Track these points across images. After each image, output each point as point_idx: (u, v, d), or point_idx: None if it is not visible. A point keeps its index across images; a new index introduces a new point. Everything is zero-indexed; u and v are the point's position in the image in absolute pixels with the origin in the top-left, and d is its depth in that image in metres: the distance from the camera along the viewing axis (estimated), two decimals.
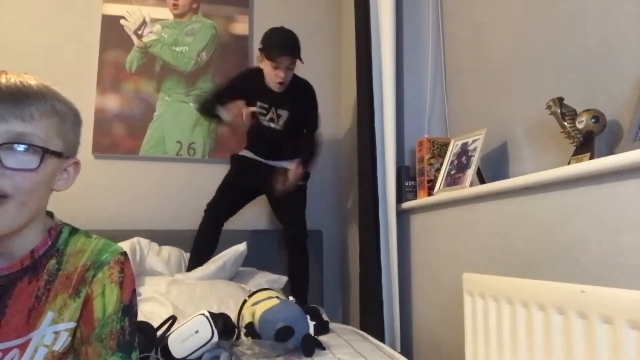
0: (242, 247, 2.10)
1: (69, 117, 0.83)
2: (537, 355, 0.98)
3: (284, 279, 2.17)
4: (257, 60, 2.14)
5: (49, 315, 0.77)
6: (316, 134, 2.23)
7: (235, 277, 2.16)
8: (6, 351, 0.75)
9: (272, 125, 2.16)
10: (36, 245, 0.79)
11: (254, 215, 2.56)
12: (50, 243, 0.81)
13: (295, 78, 2.16)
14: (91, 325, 0.78)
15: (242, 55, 2.63)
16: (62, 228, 0.84)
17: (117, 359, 0.79)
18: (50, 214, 0.85)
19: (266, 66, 2.07)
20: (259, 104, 2.13)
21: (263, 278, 2.15)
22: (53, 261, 0.80)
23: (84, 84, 2.49)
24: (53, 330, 0.77)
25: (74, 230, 0.85)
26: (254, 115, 2.03)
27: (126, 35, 2.56)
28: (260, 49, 2.08)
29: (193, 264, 2.11)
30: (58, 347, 0.77)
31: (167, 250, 2.23)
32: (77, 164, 0.84)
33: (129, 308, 0.82)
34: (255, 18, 2.71)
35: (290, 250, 2.18)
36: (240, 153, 2.29)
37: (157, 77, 2.57)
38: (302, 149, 2.18)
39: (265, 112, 2.14)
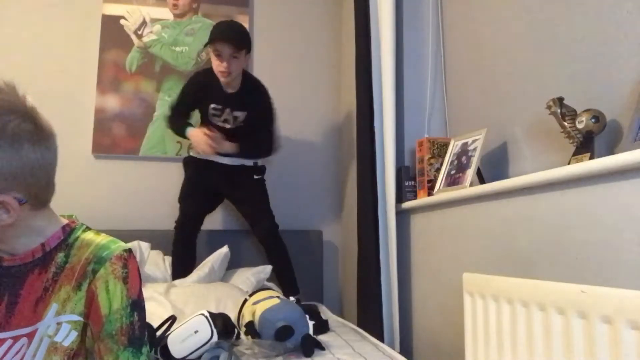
0: (224, 249, 2.19)
1: None
2: (537, 355, 0.97)
3: (268, 268, 2.20)
4: (209, 56, 2.08)
5: (54, 307, 0.80)
6: (269, 130, 2.17)
7: (222, 278, 2.19)
8: (16, 339, 0.78)
9: (227, 125, 2.13)
10: (47, 239, 0.83)
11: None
12: (62, 238, 0.85)
13: (250, 78, 2.14)
14: (99, 321, 0.80)
15: None
16: (77, 226, 0.88)
17: (128, 354, 0.80)
18: (70, 216, 0.90)
19: (213, 59, 2.02)
20: (211, 105, 2.09)
21: (248, 272, 2.19)
22: (61, 254, 0.83)
23: (84, 84, 2.49)
24: (56, 321, 0.79)
25: (87, 229, 0.89)
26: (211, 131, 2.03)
27: (126, 35, 2.56)
28: (206, 44, 2.04)
29: (176, 277, 2.11)
30: (60, 338, 0.78)
31: (167, 258, 2.25)
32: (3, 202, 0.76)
33: (137, 303, 0.83)
34: (255, 18, 2.71)
35: (266, 244, 2.16)
36: (192, 154, 2.24)
37: (157, 77, 2.57)
38: (249, 139, 2.15)
39: (219, 113, 2.11)
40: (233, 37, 1.96)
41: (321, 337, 1.58)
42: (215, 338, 1.31)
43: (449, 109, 1.81)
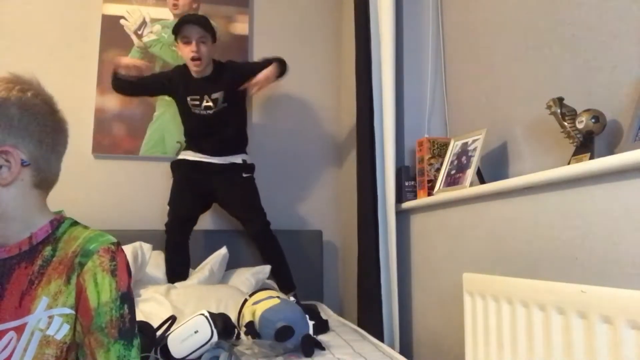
0: (223, 250, 2.18)
1: None
2: (537, 355, 0.97)
3: (267, 268, 2.19)
4: (178, 50, 2.15)
5: (44, 301, 0.79)
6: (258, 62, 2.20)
7: (222, 279, 2.18)
8: (2, 333, 0.77)
9: (210, 112, 2.14)
10: (35, 232, 0.83)
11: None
12: (50, 232, 0.85)
13: (220, 62, 2.18)
14: (89, 315, 0.79)
15: (242, 55, 2.63)
16: (65, 220, 0.88)
17: (119, 346, 0.80)
18: (59, 211, 0.90)
19: (182, 50, 2.09)
20: (189, 98, 2.13)
21: (248, 272, 2.17)
22: (49, 247, 0.83)
23: (84, 84, 2.49)
24: (48, 314, 0.79)
25: (75, 223, 0.88)
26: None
27: (126, 35, 2.55)
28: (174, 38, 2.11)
29: (172, 281, 2.08)
30: (52, 332, 0.78)
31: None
32: (5, 152, 0.79)
33: (127, 295, 0.83)
34: (255, 18, 2.71)
35: (259, 242, 2.16)
36: (180, 157, 2.24)
37: None
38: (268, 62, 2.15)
39: (198, 102, 2.13)
40: (198, 20, 2.05)
41: (321, 337, 1.58)
42: (215, 338, 1.31)
43: (449, 109, 1.81)
